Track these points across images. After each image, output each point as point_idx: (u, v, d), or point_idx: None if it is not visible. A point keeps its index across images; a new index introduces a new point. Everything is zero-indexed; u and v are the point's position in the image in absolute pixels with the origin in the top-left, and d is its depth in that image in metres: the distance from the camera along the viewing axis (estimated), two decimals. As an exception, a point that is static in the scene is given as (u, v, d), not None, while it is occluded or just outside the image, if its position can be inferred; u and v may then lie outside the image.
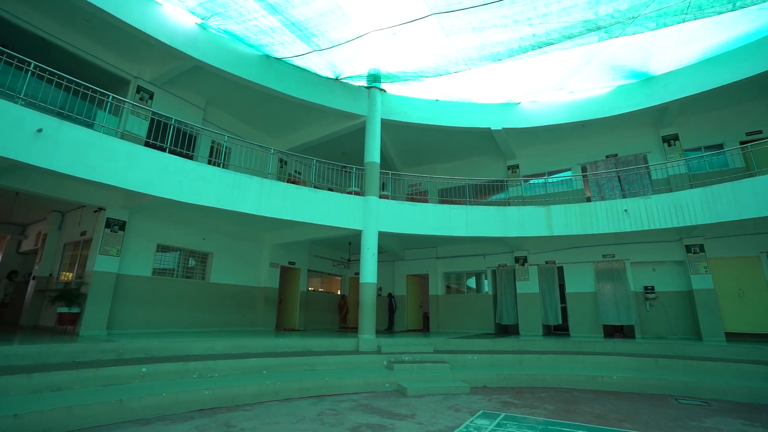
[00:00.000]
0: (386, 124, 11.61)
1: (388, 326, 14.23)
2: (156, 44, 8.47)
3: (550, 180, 12.57)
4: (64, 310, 7.91)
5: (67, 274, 9.89)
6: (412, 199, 12.84)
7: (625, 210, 9.93)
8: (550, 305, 12.05)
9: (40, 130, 6.12)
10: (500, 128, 11.99)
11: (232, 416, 5.18)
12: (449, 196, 13.36)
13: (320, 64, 10.46)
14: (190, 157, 9.02)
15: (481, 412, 5.67)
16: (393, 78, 11.08)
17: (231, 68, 9.41)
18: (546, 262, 12.39)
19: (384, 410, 5.72)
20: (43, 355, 5.76)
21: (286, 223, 10.22)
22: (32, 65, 6.55)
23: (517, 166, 13.70)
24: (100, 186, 7.26)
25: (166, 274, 10.13)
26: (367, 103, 11.34)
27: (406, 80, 11.17)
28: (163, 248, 10.00)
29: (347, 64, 10.42)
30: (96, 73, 9.27)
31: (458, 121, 11.99)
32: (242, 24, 8.92)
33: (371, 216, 10.26)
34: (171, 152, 8.21)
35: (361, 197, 10.49)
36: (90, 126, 7.68)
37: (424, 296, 15.30)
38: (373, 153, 10.78)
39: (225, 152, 10.56)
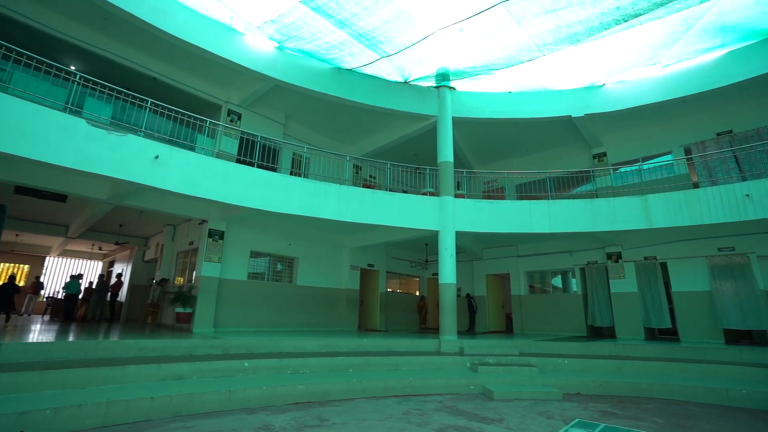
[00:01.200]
0: (458, 122, 11.42)
1: (469, 327, 13.96)
2: (242, 70, 9.40)
3: (645, 166, 11.29)
4: (181, 310, 9.12)
5: (180, 278, 11.38)
6: (489, 197, 12.44)
7: (747, 195, 8.51)
8: (653, 306, 10.78)
9: (157, 157, 7.17)
10: (582, 115, 11.08)
11: (324, 411, 5.51)
12: (528, 191, 12.69)
13: (389, 70, 10.67)
14: (275, 170, 9.80)
15: (576, 420, 5.30)
16: (462, 74, 10.89)
17: (307, 84, 10.06)
18: (645, 258, 11.12)
19: (470, 413, 5.63)
20: (167, 348, 6.70)
21: (363, 227, 10.60)
22: (149, 102, 7.68)
23: (604, 154, 12.53)
24: (202, 201, 8.26)
25: (258, 277, 11.13)
26: (437, 102, 11.28)
27: (475, 75, 10.89)
28: (255, 254, 11.00)
29: (415, 66, 10.49)
30: (194, 102, 10.56)
31: (534, 111, 11.35)
32: (314, 42, 9.48)
33: (447, 216, 10.17)
34: (259, 166, 9.01)
35: (437, 197, 10.46)
36: (192, 149, 8.77)
37: (505, 296, 14.72)
38: (446, 152, 10.68)
39: (305, 163, 11.27)
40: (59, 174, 7.38)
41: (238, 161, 9.57)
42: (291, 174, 11.04)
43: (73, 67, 9.38)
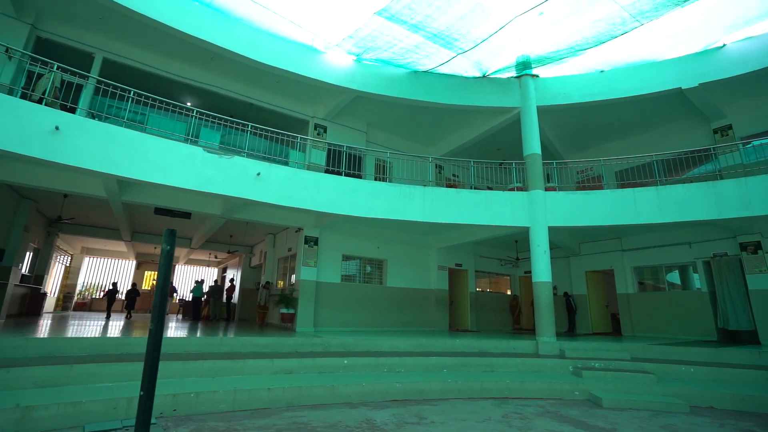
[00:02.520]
0: (544, 111, 10.76)
1: (568, 328, 12.99)
2: (325, 86, 10.07)
3: (787, 137, 9.36)
4: (284, 311, 10.05)
5: (281, 282, 12.52)
6: (584, 188, 11.48)
7: None
8: (809, 305, 8.88)
9: (258, 174, 8.04)
10: (696, 84, 9.62)
11: (422, 409, 5.63)
12: (631, 178, 11.40)
13: (465, 66, 10.50)
14: (360, 177, 10.28)
15: (709, 436, 4.64)
16: (545, 60, 10.24)
17: (385, 91, 10.38)
18: (794, 247, 9.23)
19: (576, 420, 5.27)
20: (276, 345, 7.44)
21: (449, 227, 10.56)
22: (249, 126, 8.66)
23: (729, 127, 10.70)
24: (298, 210, 9.03)
25: (350, 280, 11.74)
26: (519, 93, 10.77)
27: (560, 59, 10.16)
28: (347, 257, 11.63)
29: (493, 58, 10.16)
30: (285, 121, 11.57)
31: (633, 89, 10.18)
32: (390, 50, 9.75)
33: (538, 211, 9.64)
34: (346, 175, 9.54)
35: (525, 192, 9.97)
36: (286, 163, 9.68)
37: (610, 295, 13.38)
38: (533, 144, 10.14)
39: (388, 167, 11.60)
40: (185, 196, 8.69)
41: (326, 171, 10.26)
42: (375, 179, 11.46)
43: (189, 104, 10.96)
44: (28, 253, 12.18)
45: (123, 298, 16.17)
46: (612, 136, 12.91)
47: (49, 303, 15.80)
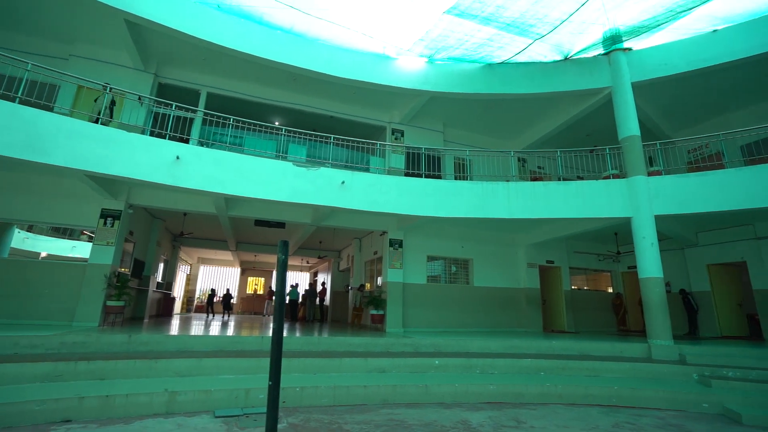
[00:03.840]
0: (641, 87, 9.64)
1: (689, 330, 11.37)
2: (400, 91, 10.27)
3: None
4: (374, 312, 10.43)
5: (368, 284, 12.99)
6: (697, 169, 9.98)
7: None
8: None
9: (343, 182, 8.51)
10: None
11: (519, 413, 5.43)
12: (763, 152, 9.62)
13: (544, 51, 9.88)
14: (440, 177, 10.26)
15: None
16: (638, 31, 9.18)
17: (459, 89, 10.24)
18: None
19: (706, 435, 4.62)
20: (369, 345, 7.77)
21: (537, 222, 10.01)
22: (331, 138, 9.22)
23: None
24: (381, 215, 9.34)
25: (436, 280, 11.74)
26: (609, 71, 9.81)
27: (657, 27, 9.02)
28: (431, 258, 11.66)
29: (576, 38, 9.41)
30: (363, 129, 12.05)
31: (757, 46, 8.58)
32: (462, 47, 9.61)
33: (641, 199, 8.66)
34: (426, 176, 9.61)
35: (623, 179, 9.04)
36: (367, 170, 10.07)
37: (745, 292, 11.39)
38: (629, 125, 9.15)
39: (468, 165, 11.39)
40: (279, 207, 9.55)
41: (406, 174, 10.45)
42: (456, 179, 11.35)
43: (277, 123, 12.02)
44: (161, 264, 14.41)
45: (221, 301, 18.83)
46: (731, 106, 11.05)
47: (177, 306, 18.47)
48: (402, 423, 4.75)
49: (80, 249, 9.37)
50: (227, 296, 16.87)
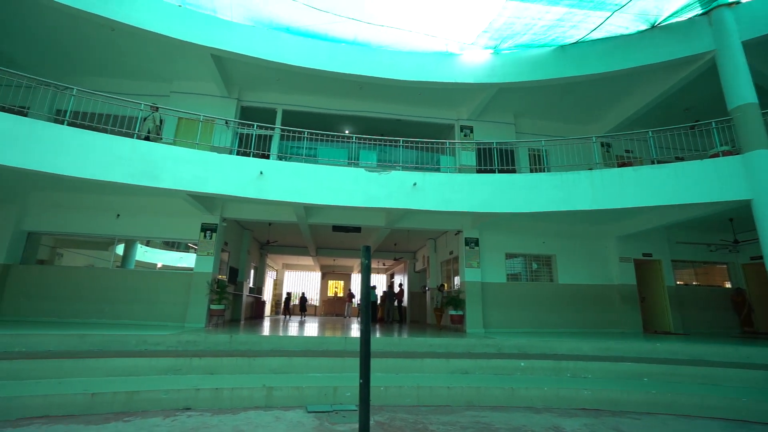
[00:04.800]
0: (753, 45, 8.26)
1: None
2: (466, 87, 10.07)
3: None
4: (454, 312, 10.29)
5: (446, 284, 12.84)
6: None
7: None
8: None
9: (415, 184, 8.57)
10: None
11: (620, 422, 4.96)
12: None
13: (625, 23, 8.97)
14: (514, 171, 9.82)
15: None
16: (746, -19, 7.89)
17: (529, 77, 9.73)
18: None
19: None
20: (450, 346, 7.69)
21: (628, 212, 9.08)
22: (401, 141, 9.34)
23: None
24: (455, 214, 9.22)
25: (516, 278, 11.23)
26: (711, 32, 8.58)
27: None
28: (510, 256, 11.18)
29: (663, 2, 8.39)
30: (431, 129, 12.01)
31: None
32: (529, 33, 9.12)
33: (763, 177, 7.40)
34: (499, 171, 9.28)
35: (737, 156, 7.82)
36: (438, 170, 10.01)
37: None
38: (743, 92, 7.89)
39: (544, 156, 10.75)
40: (355, 212, 9.91)
41: (478, 171, 10.18)
42: (531, 171, 10.77)
43: (347, 131, 12.51)
44: (251, 271, 15.80)
45: (297, 303, 20.77)
46: None
47: (267, 308, 20.07)
48: (489, 426, 4.63)
49: (186, 259, 10.67)
50: (303, 299, 19.07)
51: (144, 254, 13.30)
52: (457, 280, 11.47)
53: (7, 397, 4.45)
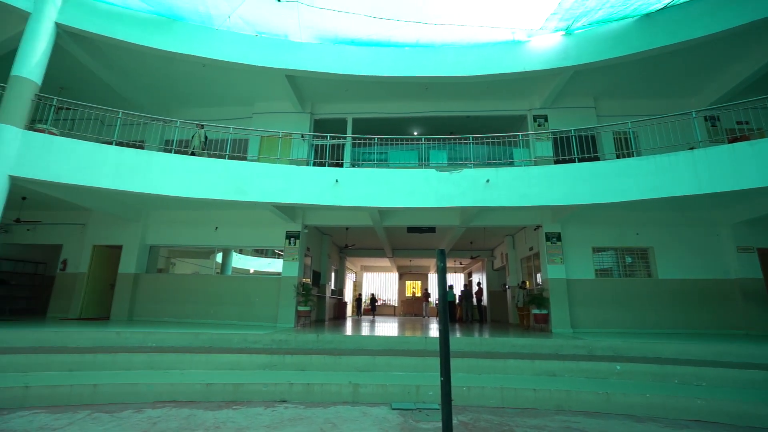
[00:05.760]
0: None
1: None
2: (537, 74, 9.56)
3: None
4: (537, 311, 9.80)
5: (527, 282, 12.24)
6: None
7: None
8: None
9: (488, 181, 8.36)
10: None
11: (745, 436, 4.33)
12: None
13: (728, -23, 7.79)
14: (597, 158, 9.07)
15: None
16: None
17: (609, 54, 8.94)
18: None
19: None
20: (534, 346, 7.35)
21: (744, 194, 7.83)
22: (470, 138, 9.19)
23: None
24: (532, 208, 8.80)
25: (606, 274, 10.31)
26: None
27: None
28: (598, 250, 10.31)
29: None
30: (501, 122, 11.57)
31: None
32: (605, 6, 8.38)
33: None
34: (580, 160, 8.64)
35: None
36: (511, 164, 9.63)
37: None
38: None
39: (632, 139, 9.74)
40: (428, 213, 9.93)
41: (556, 162, 9.59)
42: (618, 157, 9.84)
43: (416, 133, 12.61)
44: (332, 274, 16.65)
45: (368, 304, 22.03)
46: None
47: (348, 309, 20.96)
48: (581, 432, 4.37)
49: (274, 264, 11.65)
50: (373, 300, 20.78)
51: (238, 261, 14.79)
52: (539, 277, 10.89)
53: (145, 384, 5.32)
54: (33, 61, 7.82)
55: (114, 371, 5.94)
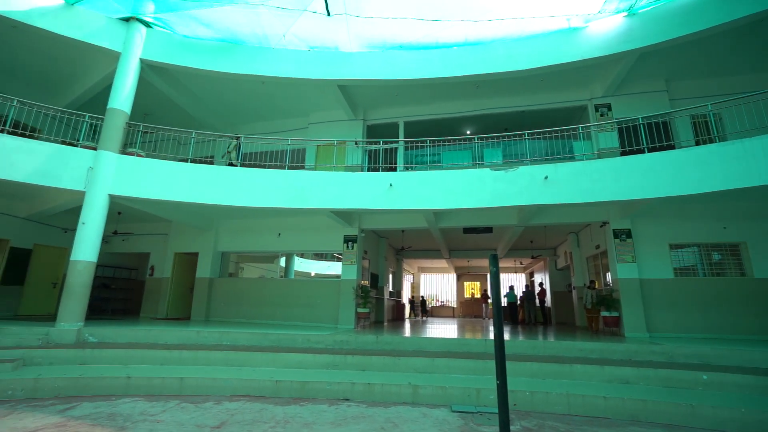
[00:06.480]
0: None
1: None
2: (597, 61, 8.99)
3: None
4: (606, 313, 9.17)
5: (595, 282, 11.46)
6: None
7: None
8: None
9: (546, 177, 8.02)
10: None
11: None
12: None
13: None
14: (671, 147, 8.29)
15: None
16: None
17: (682, 30, 8.16)
18: None
19: None
20: (604, 351, 6.90)
21: None
22: (525, 134, 8.87)
23: None
24: (596, 204, 8.26)
25: (688, 273, 9.35)
26: None
27: None
28: (675, 246, 9.41)
29: None
30: (559, 115, 11.02)
31: None
32: (677, -23, 7.65)
33: None
34: (649, 150, 7.98)
35: None
36: (572, 158, 9.13)
37: None
38: None
39: (713, 123, 8.75)
40: (484, 213, 9.75)
41: (622, 153, 8.94)
42: (697, 143, 8.92)
43: (468, 132, 12.41)
44: (390, 276, 16.86)
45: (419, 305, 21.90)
46: None
47: (406, 311, 21.06)
48: (660, 445, 4.05)
49: (333, 267, 12.09)
50: (423, 302, 21.36)
51: (300, 265, 15.47)
52: (608, 277, 10.17)
53: (223, 378, 5.84)
54: (123, 94, 8.91)
55: (196, 366, 6.57)
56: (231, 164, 10.14)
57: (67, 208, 9.33)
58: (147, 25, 9.48)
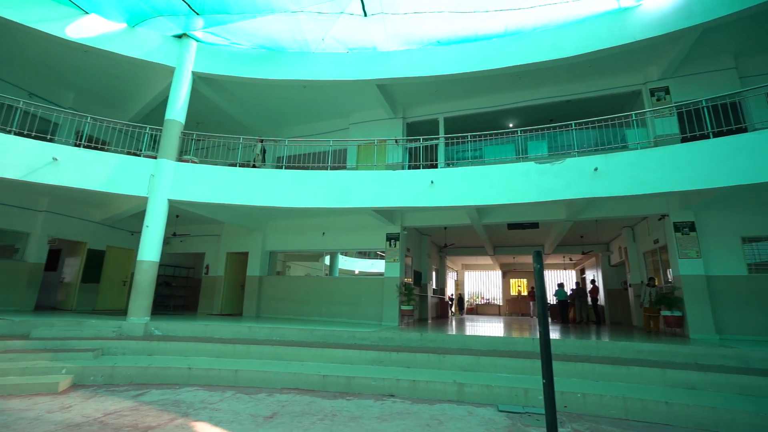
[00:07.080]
0: None
1: None
2: (652, 42, 8.39)
3: None
4: (668, 313, 8.54)
5: (655, 279, 10.69)
6: None
7: None
8: None
9: (596, 169, 7.60)
10: None
11: None
12: None
13: None
14: (742, 130, 7.54)
15: None
16: None
17: (749, 1, 7.36)
18: None
19: None
20: (665, 353, 6.44)
21: None
22: (572, 124, 8.45)
23: None
24: (653, 196, 7.70)
25: (766, 269, 8.47)
26: None
27: None
28: (749, 240, 8.55)
29: None
30: (609, 102, 10.38)
31: None
32: (744, -57, 6.93)
33: None
34: (715, 136, 7.32)
35: None
36: (625, 147, 8.58)
37: None
38: None
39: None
40: (529, 208, 9.45)
41: (683, 140, 8.26)
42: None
43: (511, 125, 12.03)
44: (433, 273, 16.77)
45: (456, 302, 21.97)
46: None
47: (451, 308, 20.82)
48: (731, 456, 3.73)
49: (376, 265, 12.22)
50: (460, 299, 22.15)
51: (344, 263, 15.79)
52: (669, 273, 9.46)
53: (274, 372, 6.13)
54: (178, 105, 9.56)
55: (249, 359, 6.94)
56: (254, 166, 10.53)
57: (133, 212, 10.18)
58: (197, 40, 10.10)
